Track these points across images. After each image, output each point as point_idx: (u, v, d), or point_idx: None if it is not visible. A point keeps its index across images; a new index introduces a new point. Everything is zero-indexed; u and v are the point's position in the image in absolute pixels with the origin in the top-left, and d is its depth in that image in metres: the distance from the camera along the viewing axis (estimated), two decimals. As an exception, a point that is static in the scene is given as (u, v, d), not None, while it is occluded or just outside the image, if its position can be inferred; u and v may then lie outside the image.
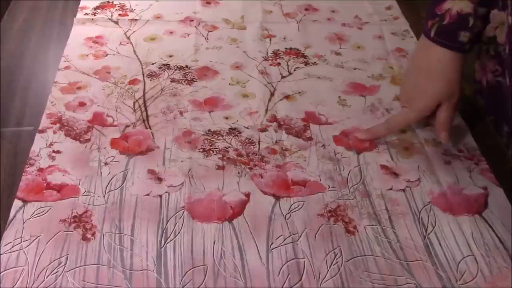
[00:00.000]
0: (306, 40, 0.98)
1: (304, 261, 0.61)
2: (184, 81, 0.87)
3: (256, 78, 0.88)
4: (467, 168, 0.74)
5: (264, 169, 0.72)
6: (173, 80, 0.87)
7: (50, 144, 0.74)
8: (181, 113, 0.80)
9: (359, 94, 0.86)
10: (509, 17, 0.72)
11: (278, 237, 0.63)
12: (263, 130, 0.78)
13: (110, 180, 0.69)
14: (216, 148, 0.75)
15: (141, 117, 0.79)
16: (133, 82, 0.86)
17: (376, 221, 0.66)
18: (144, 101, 0.82)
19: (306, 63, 0.92)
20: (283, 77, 0.89)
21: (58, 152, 0.72)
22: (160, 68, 0.89)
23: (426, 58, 0.74)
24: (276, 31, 1.00)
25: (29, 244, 0.61)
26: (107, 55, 0.91)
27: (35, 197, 0.66)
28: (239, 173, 0.71)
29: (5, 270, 0.58)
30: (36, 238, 0.62)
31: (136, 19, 1.01)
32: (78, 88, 0.84)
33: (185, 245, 0.62)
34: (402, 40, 0.99)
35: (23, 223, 0.63)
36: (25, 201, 0.66)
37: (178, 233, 0.63)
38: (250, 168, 0.72)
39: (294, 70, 0.90)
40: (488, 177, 0.72)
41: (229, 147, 0.75)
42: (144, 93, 0.84)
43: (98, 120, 0.78)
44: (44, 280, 0.58)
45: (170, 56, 0.92)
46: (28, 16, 1.01)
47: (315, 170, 0.72)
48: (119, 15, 1.02)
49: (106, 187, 0.68)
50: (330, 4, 1.08)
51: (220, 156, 0.73)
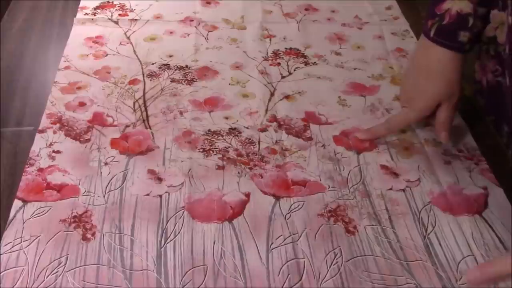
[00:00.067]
0: (306, 40, 0.98)
1: (304, 261, 0.61)
2: (184, 81, 0.87)
3: (256, 78, 0.88)
4: (467, 168, 0.74)
5: (264, 169, 0.72)
6: (173, 80, 0.87)
7: (50, 144, 0.74)
8: (181, 113, 0.80)
9: (359, 94, 0.86)
10: (509, 17, 0.72)
11: (278, 237, 0.63)
12: (263, 130, 0.78)
13: (110, 180, 0.69)
14: (216, 148, 0.75)
15: (141, 117, 0.79)
16: (133, 82, 0.86)
17: (376, 221, 0.66)
18: (144, 101, 0.82)
19: (306, 63, 0.92)
20: (283, 77, 0.89)
21: (58, 152, 0.72)
22: (160, 68, 0.89)
23: (426, 58, 0.74)
24: (276, 31, 1.00)
25: (29, 244, 0.61)
26: (107, 55, 0.91)
27: (35, 197, 0.66)
28: (239, 173, 0.71)
29: (5, 270, 0.58)
30: (36, 238, 0.62)
31: (136, 19, 1.01)
32: (78, 88, 0.84)
33: (185, 245, 0.62)
34: (402, 40, 0.99)
35: (23, 223, 0.63)
36: (25, 201, 0.66)
37: (178, 233, 0.63)
38: (250, 168, 0.72)
39: (294, 70, 0.90)
40: (488, 177, 0.72)
41: (229, 147, 0.75)
42: (144, 93, 0.84)
43: (98, 120, 0.78)
44: (44, 280, 0.58)
45: (170, 56, 0.92)
46: (28, 16, 1.01)
47: (315, 170, 0.72)
48: (119, 15, 1.02)
49: (106, 187, 0.68)
50: (330, 4, 1.08)
51: (220, 156, 0.73)
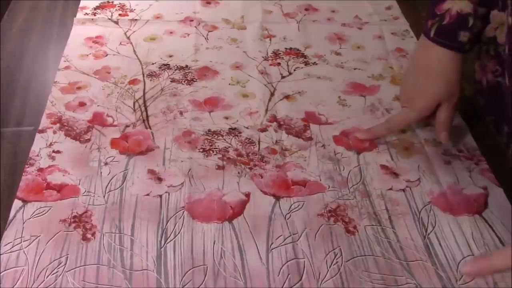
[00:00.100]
0: (306, 40, 0.98)
1: (304, 261, 0.61)
2: (184, 81, 0.87)
3: (256, 78, 0.88)
4: (467, 168, 0.74)
5: (264, 169, 0.72)
6: (173, 80, 0.87)
7: (50, 144, 0.74)
8: (181, 113, 0.80)
9: (359, 94, 0.86)
10: (509, 18, 0.72)
11: (278, 237, 0.63)
12: (263, 130, 0.78)
13: (110, 180, 0.69)
14: (216, 148, 0.75)
15: (141, 117, 0.79)
16: (133, 82, 0.86)
17: (376, 221, 0.66)
18: (144, 101, 0.82)
19: (306, 63, 0.92)
20: (283, 77, 0.89)
21: (58, 152, 0.72)
22: (160, 68, 0.89)
23: (426, 58, 0.74)
24: (276, 31, 1.00)
25: (29, 244, 0.61)
26: (107, 55, 0.91)
27: (35, 197, 0.66)
28: (239, 173, 0.71)
29: (5, 270, 0.58)
30: (36, 238, 0.62)
31: (136, 19, 1.01)
32: (78, 88, 0.84)
33: (185, 245, 0.62)
34: (402, 40, 0.99)
35: (23, 223, 0.63)
36: (25, 201, 0.66)
37: (178, 233, 0.63)
38: (250, 168, 0.72)
39: (294, 70, 0.90)
40: (488, 177, 0.72)
41: (229, 147, 0.75)
42: (144, 93, 0.84)
43: (98, 120, 0.78)
44: (44, 280, 0.58)
45: (170, 56, 0.92)
46: (28, 16, 1.01)
47: (315, 170, 0.72)
48: (119, 15, 1.02)
49: (106, 187, 0.68)
50: (330, 4, 1.08)
51: (220, 156, 0.73)
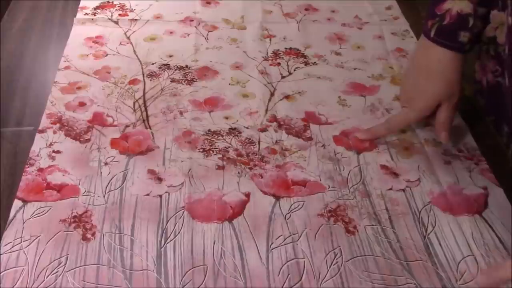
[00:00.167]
0: (306, 40, 0.98)
1: (304, 261, 0.61)
2: (184, 81, 0.87)
3: (256, 78, 0.88)
4: (467, 168, 0.74)
5: (264, 169, 0.72)
6: (173, 80, 0.87)
7: (50, 144, 0.74)
8: (181, 113, 0.80)
9: (359, 94, 0.86)
10: (509, 18, 0.72)
11: (278, 237, 0.63)
12: (263, 130, 0.78)
13: (110, 180, 0.69)
14: (216, 148, 0.75)
15: (141, 117, 0.79)
16: (133, 82, 0.86)
17: (376, 221, 0.66)
18: (144, 101, 0.82)
19: (306, 63, 0.92)
20: (283, 77, 0.89)
21: (58, 152, 0.72)
22: (160, 68, 0.89)
23: (426, 58, 0.74)
24: (276, 31, 1.00)
25: (29, 244, 0.61)
26: (107, 55, 0.91)
27: (35, 197, 0.66)
28: (239, 173, 0.71)
29: (5, 270, 0.58)
30: (36, 238, 0.62)
31: (136, 19, 1.01)
32: (78, 88, 0.84)
33: (185, 245, 0.62)
34: (402, 40, 0.99)
35: (23, 223, 0.63)
36: (25, 201, 0.66)
37: (178, 233, 0.63)
38: (250, 168, 0.72)
39: (294, 70, 0.90)
40: (488, 177, 0.72)
41: (229, 147, 0.75)
42: (144, 93, 0.84)
43: (98, 120, 0.78)
44: (44, 280, 0.58)
45: (170, 56, 0.92)
46: (28, 16, 1.01)
47: (315, 170, 0.72)
48: (119, 15, 1.02)
49: (106, 187, 0.68)
50: (330, 4, 1.08)
51: (220, 156, 0.73)
